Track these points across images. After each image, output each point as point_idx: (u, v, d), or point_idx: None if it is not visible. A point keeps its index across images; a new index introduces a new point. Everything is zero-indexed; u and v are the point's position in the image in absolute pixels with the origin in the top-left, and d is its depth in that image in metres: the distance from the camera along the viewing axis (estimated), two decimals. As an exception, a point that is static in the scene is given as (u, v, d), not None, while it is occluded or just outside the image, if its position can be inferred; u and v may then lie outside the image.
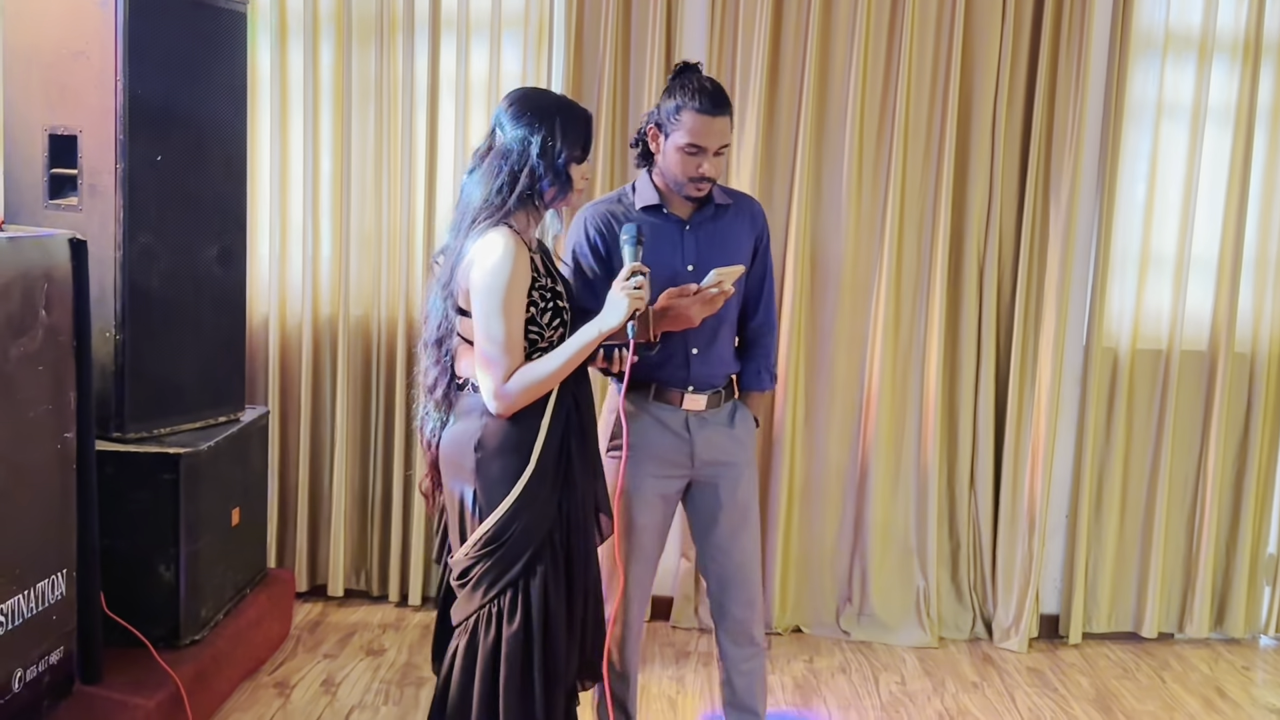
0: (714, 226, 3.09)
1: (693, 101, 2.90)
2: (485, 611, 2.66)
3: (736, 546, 3.17)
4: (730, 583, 3.18)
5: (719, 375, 3.13)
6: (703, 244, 3.06)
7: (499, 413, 2.62)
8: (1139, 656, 4.55)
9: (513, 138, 2.63)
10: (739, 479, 3.16)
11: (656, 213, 3.04)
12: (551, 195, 2.67)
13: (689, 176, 2.95)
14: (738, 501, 3.16)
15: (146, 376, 3.58)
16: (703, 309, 2.88)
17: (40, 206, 3.55)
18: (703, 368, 3.08)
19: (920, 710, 3.98)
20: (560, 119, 2.64)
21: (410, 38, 4.43)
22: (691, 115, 2.90)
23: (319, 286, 4.57)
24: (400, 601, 4.66)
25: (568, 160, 2.64)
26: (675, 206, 3.06)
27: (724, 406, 3.16)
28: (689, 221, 3.06)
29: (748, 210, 3.19)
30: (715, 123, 2.90)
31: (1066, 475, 4.66)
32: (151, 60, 3.47)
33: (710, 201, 3.08)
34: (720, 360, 3.13)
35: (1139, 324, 4.60)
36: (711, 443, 3.11)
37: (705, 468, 3.13)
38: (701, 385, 3.09)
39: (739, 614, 3.19)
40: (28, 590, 2.92)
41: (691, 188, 2.98)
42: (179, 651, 3.51)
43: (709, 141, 2.91)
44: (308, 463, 4.63)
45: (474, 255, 2.60)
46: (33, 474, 2.94)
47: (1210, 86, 4.47)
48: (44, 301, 2.94)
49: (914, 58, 4.40)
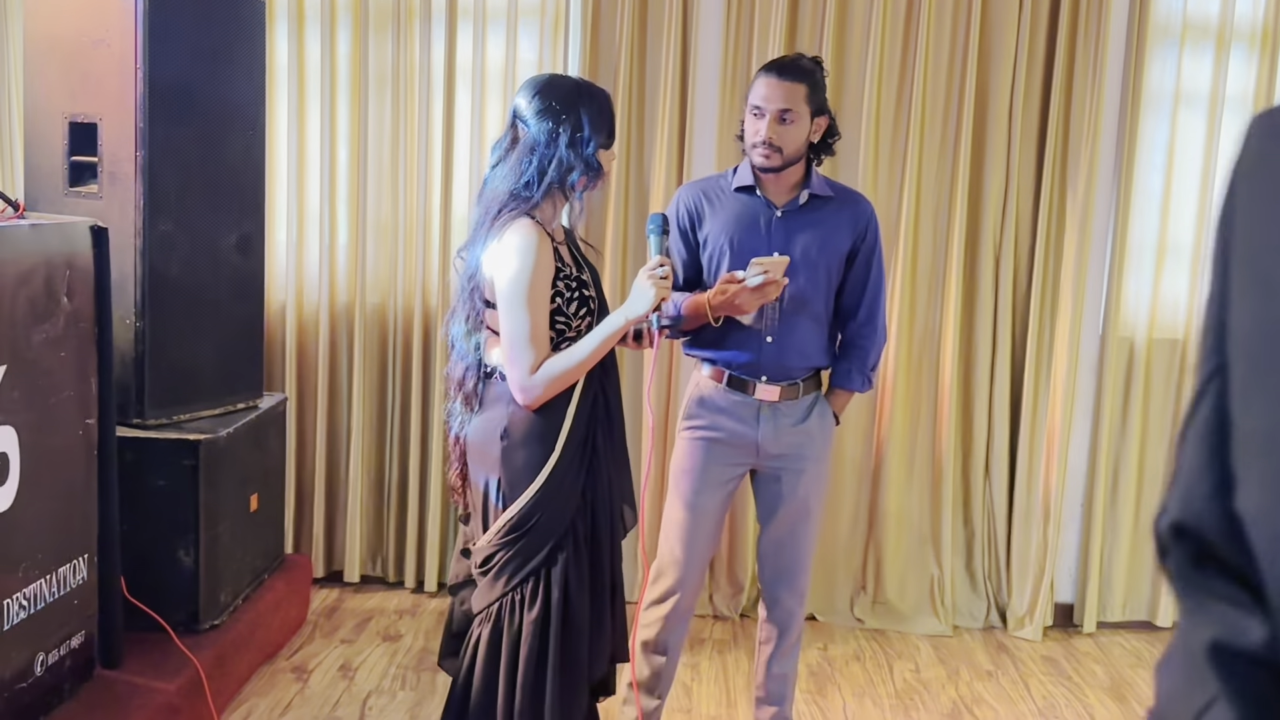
0: (806, 217, 3.05)
1: (763, 67, 2.99)
2: (509, 599, 2.66)
3: (794, 540, 3.18)
4: (784, 575, 3.20)
5: (797, 368, 3.09)
6: (793, 233, 3.03)
7: (526, 404, 2.62)
8: (1153, 645, 4.56)
9: (539, 130, 2.61)
10: (802, 474, 3.13)
11: (749, 194, 3.04)
12: (582, 185, 2.66)
13: (752, 141, 2.98)
14: (799, 496, 3.15)
15: (166, 363, 3.60)
16: (752, 298, 2.88)
17: (61, 194, 3.58)
18: (777, 358, 3.05)
19: (935, 698, 3.99)
20: (586, 107, 2.63)
21: (427, 26, 4.44)
22: (759, 78, 2.97)
23: (336, 274, 4.59)
24: (416, 587, 4.69)
25: (597, 148, 2.64)
26: (769, 191, 3.05)
27: (802, 400, 3.11)
28: (782, 209, 3.05)
29: (852, 207, 3.12)
30: (778, 85, 2.93)
31: (1082, 464, 4.66)
32: (171, 48, 3.49)
33: (806, 189, 3.05)
34: (800, 353, 3.07)
35: (1155, 313, 4.59)
36: (779, 435, 3.09)
37: (770, 459, 3.12)
38: (776, 376, 3.06)
39: (790, 606, 3.22)
40: (50, 575, 2.94)
41: (756, 154, 2.98)
42: (198, 636, 3.53)
43: (768, 103, 2.93)
44: (324, 449, 4.66)
45: (497, 248, 2.60)
46: (56, 460, 2.96)
47: (1228, 76, 4.46)
48: (66, 288, 2.96)
49: (930, 47, 4.40)
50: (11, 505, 2.76)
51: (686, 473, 3.12)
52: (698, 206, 3.06)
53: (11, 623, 2.78)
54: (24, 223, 2.90)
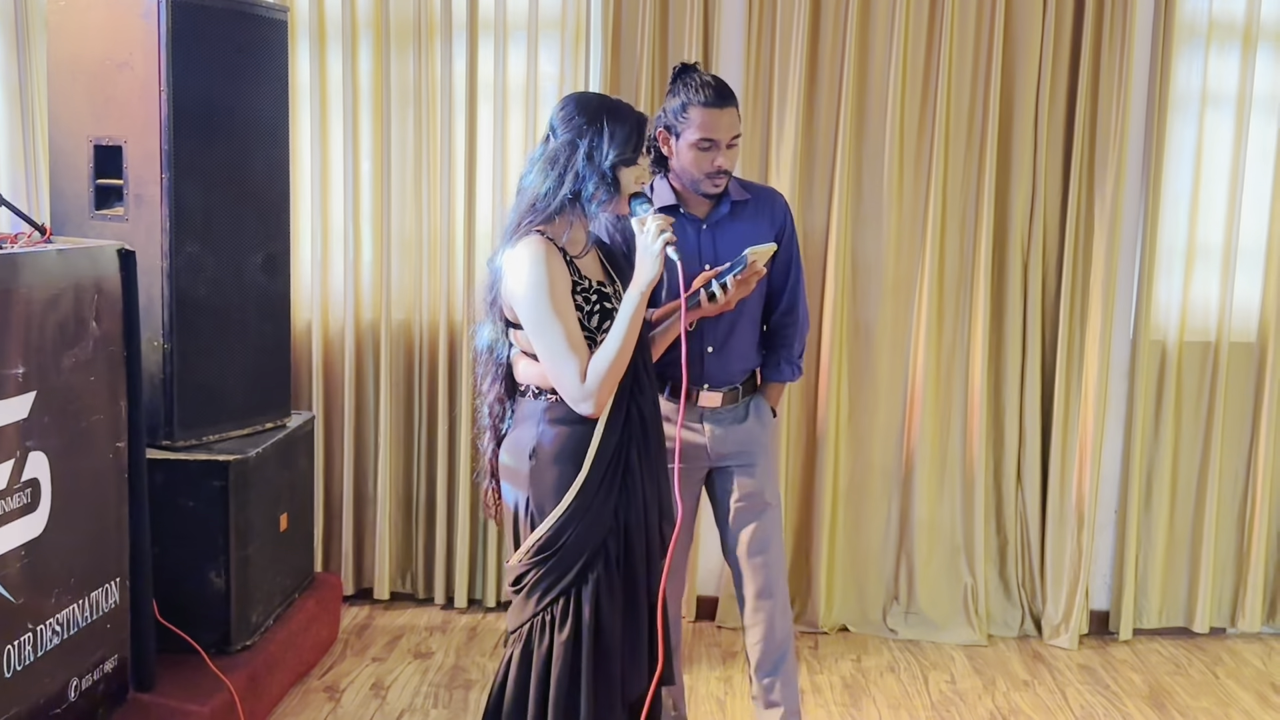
0: (732, 224, 3.10)
1: (698, 96, 2.93)
2: (540, 619, 2.64)
3: (759, 535, 3.20)
4: (744, 566, 3.22)
5: (736, 372, 3.17)
6: (721, 241, 3.07)
7: (590, 413, 2.58)
8: (1191, 652, 4.50)
9: (561, 142, 2.62)
10: (754, 468, 3.20)
11: (673, 214, 3.02)
12: (598, 200, 2.62)
13: (705, 172, 2.98)
14: (748, 491, 3.20)
15: (194, 385, 3.60)
16: (737, 291, 2.88)
17: (86, 217, 3.58)
18: (717, 365, 3.12)
19: (971, 709, 3.95)
20: (607, 121, 2.61)
21: (448, 41, 4.43)
22: (699, 110, 2.93)
23: (360, 291, 4.59)
24: (446, 604, 4.67)
25: (616, 164, 2.60)
26: (692, 206, 3.09)
27: (741, 402, 3.19)
28: (706, 220, 3.08)
29: (768, 203, 3.19)
30: (724, 115, 2.94)
31: (1115, 469, 4.61)
32: (194, 69, 3.49)
33: (726, 198, 3.09)
34: (738, 357, 3.15)
35: (1186, 316, 4.54)
36: (726, 437, 3.16)
37: (720, 459, 3.19)
38: (716, 383, 3.13)
39: (760, 604, 3.21)
40: (83, 599, 2.94)
41: (709, 184, 3.01)
42: (230, 657, 3.53)
43: (720, 134, 2.94)
44: (352, 467, 4.65)
45: (507, 268, 2.60)
46: (87, 484, 2.96)
47: (1255, 75, 4.41)
48: (94, 312, 2.97)
49: (954, 51, 4.36)
50: (44, 530, 2.76)
51: None
52: (624, 232, 2.98)
53: (45, 648, 2.78)
54: (51, 247, 2.91)
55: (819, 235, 4.44)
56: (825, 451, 4.48)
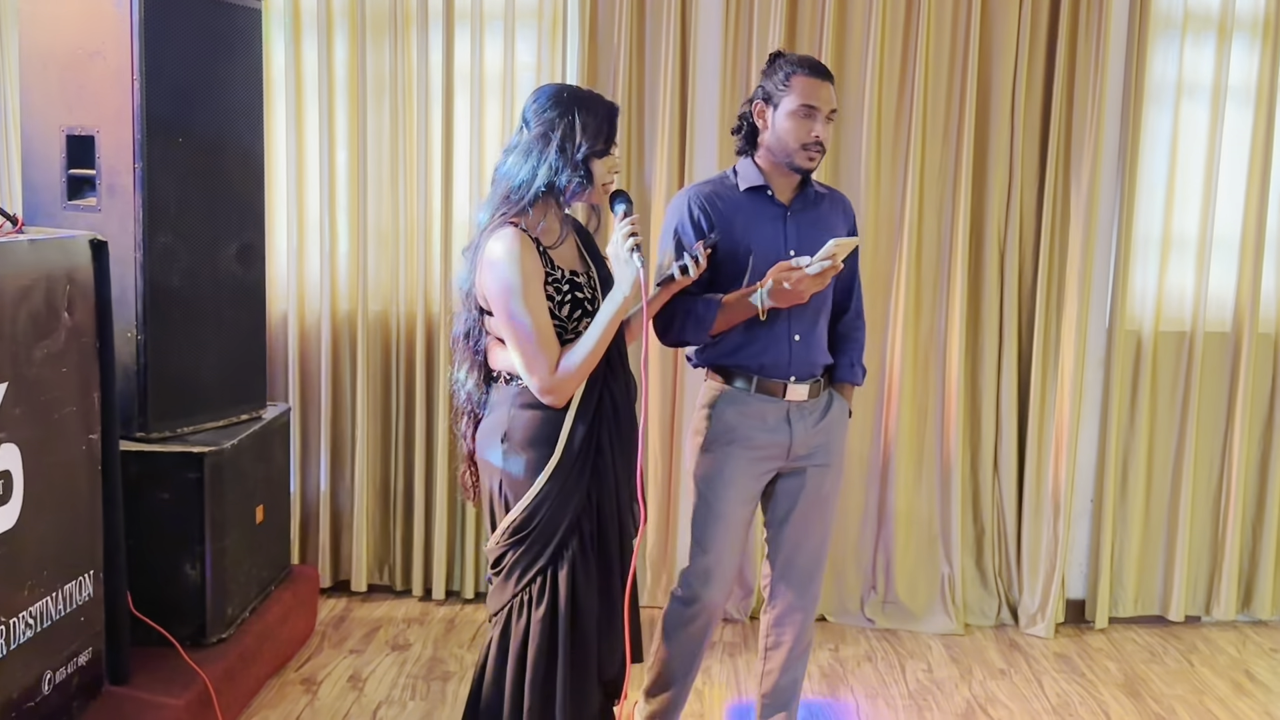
0: (815, 213, 3.09)
1: (801, 68, 2.96)
2: (517, 600, 2.69)
3: (810, 538, 3.16)
4: (801, 576, 3.17)
5: (818, 364, 3.12)
6: (804, 229, 3.05)
7: (554, 404, 2.63)
8: (1166, 640, 4.53)
9: (534, 134, 2.65)
10: (827, 469, 3.14)
11: (760, 195, 3.03)
12: (570, 190, 2.66)
13: (802, 143, 2.96)
14: (822, 494, 3.14)
15: (168, 376, 3.58)
16: (812, 284, 2.88)
17: (59, 208, 3.55)
18: (804, 355, 3.06)
19: (948, 698, 3.96)
20: (580, 113, 2.63)
21: (424, 32, 4.41)
22: (802, 79, 2.95)
23: (337, 282, 4.56)
24: (424, 596, 4.66)
25: (588, 155, 2.63)
26: (778, 190, 3.06)
27: (821, 396, 3.13)
28: (789, 207, 3.06)
29: (841, 202, 3.22)
30: (825, 86, 2.96)
31: (1091, 459, 4.63)
32: (168, 59, 3.46)
33: (810, 187, 3.08)
34: (819, 348, 3.11)
35: (1162, 306, 4.57)
36: (808, 435, 3.09)
37: (797, 459, 3.11)
38: (803, 374, 3.06)
39: (803, 605, 3.18)
40: (56, 592, 2.92)
41: (803, 155, 2.98)
42: (206, 650, 3.51)
43: (821, 104, 2.95)
44: (329, 458, 4.63)
45: (481, 257, 2.62)
46: (59, 476, 2.94)
47: (1230, 66, 4.43)
48: (66, 303, 2.94)
49: (931, 42, 4.37)
50: (16, 523, 2.74)
51: (719, 486, 3.05)
52: (710, 209, 3.01)
53: (18, 641, 2.76)
54: (23, 238, 2.88)
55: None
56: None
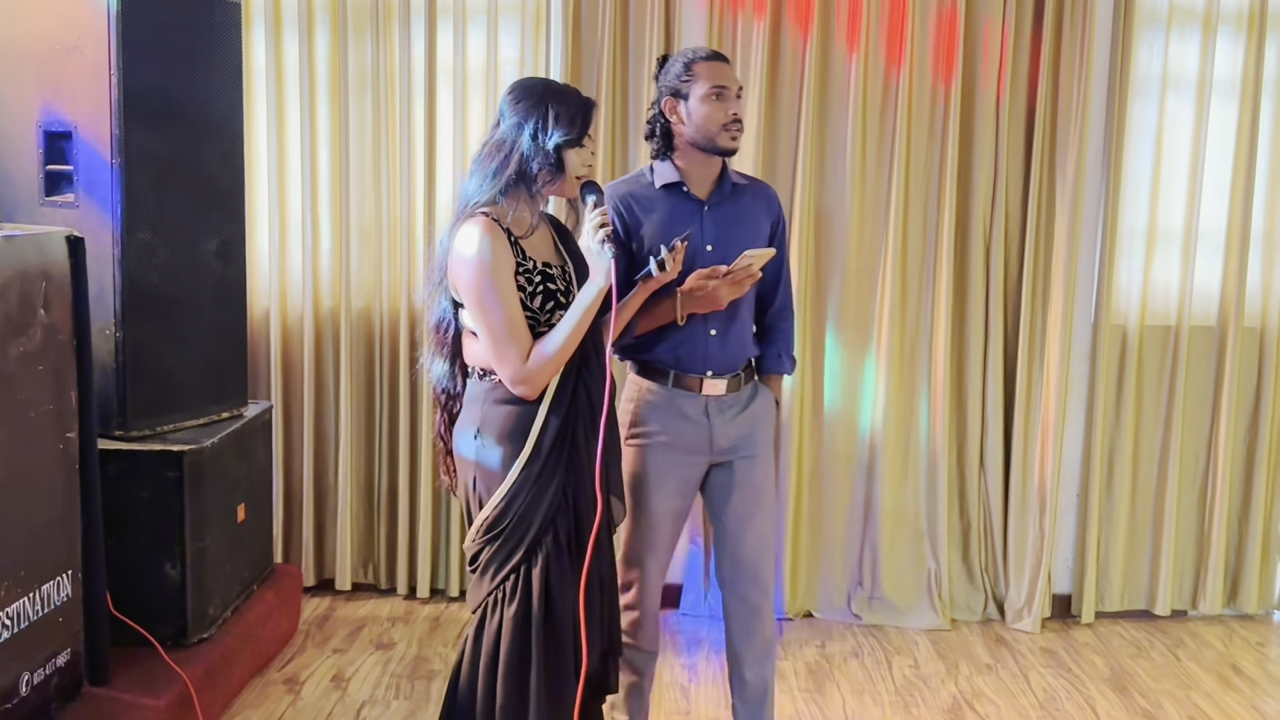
0: (732, 207, 3.07)
1: (698, 56, 2.99)
2: (492, 598, 2.68)
3: (749, 530, 3.14)
4: (746, 567, 3.14)
5: (738, 359, 3.10)
6: (721, 224, 3.04)
7: (526, 395, 2.62)
8: (1153, 634, 4.53)
9: (508, 126, 2.64)
10: (754, 459, 3.13)
11: (676, 192, 3.02)
12: (544, 181, 2.64)
13: (721, 124, 2.96)
14: (753, 483, 3.13)
15: (148, 373, 3.55)
16: (730, 291, 2.90)
17: (36, 204, 3.52)
18: (722, 351, 3.05)
19: (934, 693, 3.95)
20: (551, 104, 2.62)
21: (406, 26, 4.38)
22: (704, 64, 2.97)
23: (319, 279, 4.53)
24: (409, 594, 4.64)
25: (560, 144, 2.62)
26: (694, 186, 3.05)
27: (743, 390, 3.12)
28: (707, 201, 3.05)
29: (764, 193, 3.19)
30: (725, 66, 3.00)
31: (1077, 453, 4.63)
32: (145, 54, 3.43)
33: (727, 180, 3.07)
34: (739, 344, 3.10)
35: (1147, 300, 4.56)
36: (729, 428, 3.08)
37: (722, 453, 3.10)
38: (720, 369, 3.06)
39: (756, 601, 3.15)
40: (33, 593, 2.89)
41: (726, 136, 2.97)
42: (187, 650, 3.48)
43: (729, 81, 2.97)
44: (312, 456, 4.60)
45: (452, 247, 2.62)
46: (35, 475, 2.91)
47: (1215, 59, 4.42)
48: (43, 300, 2.91)
49: (916, 35, 4.35)
50: (-9, 523, 2.71)
51: (644, 482, 3.05)
52: (628, 209, 3.00)
53: (-6, 643, 2.73)
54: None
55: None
56: (789, 439, 4.47)
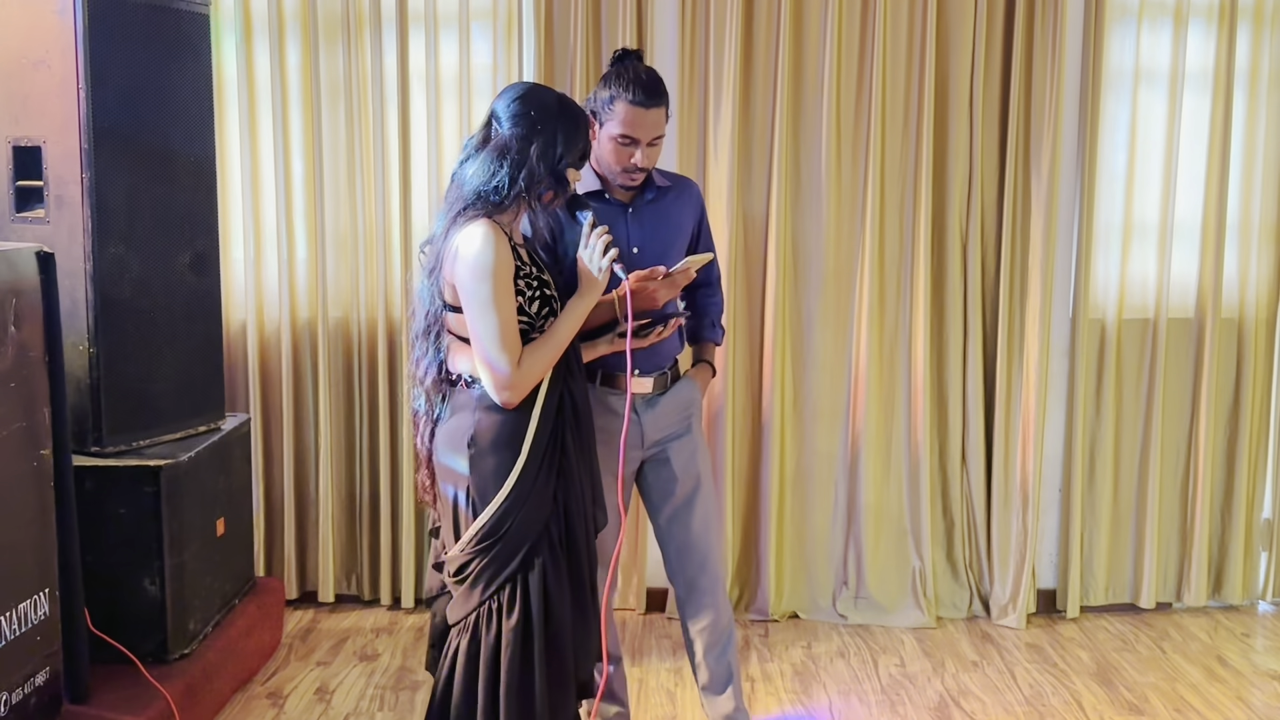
0: (656, 209, 3.11)
1: (626, 93, 2.91)
2: (485, 609, 2.65)
3: (693, 514, 3.19)
4: (692, 555, 3.19)
5: (666, 357, 3.17)
6: (646, 226, 3.08)
7: (508, 402, 2.60)
8: (1138, 628, 4.53)
9: (513, 135, 2.61)
10: (686, 447, 3.19)
11: (597, 198, 3.03)
12: (549, 198, 2.68)
13: (621, 166, 2.97)
14: (691, 470, 3.19)
15: (123, 388, 3.52)
16: (667, 292, 2.94)
17: (7, 220, 3.49)
18: (649, 350, 3.09)
19: (921, 691, 3.95)
20: (563, 124, 2.64)
21: (378, 34, 4.36)
22: (625, 106, 2.91)
23: (296, 290, 4.51)
24: (393, 605, 4.61)
25: (567, 166, 2.65)
26: (616, 191, 3.08)
27: (670, 388, 3.19)
28: (630, 205, 3.07)
29: (688, 192, 3.24)
30: (649, 114, 2.92)
31: (1058, 449, 4.63)
32: (114, 67, 3.41)
33: (650, 184, 3.09)
34: (666, 343, 3.15)
35: (1125, 294, 4.57)
36: (659, 419, 3.14)
37: (655, 445, 3.16)
38: (647, 368, 3.11)
39: (706, 587, 3.19)
40: (9, 612, 2.86)
41: (624, 178, 3.00)
42: (168, 666, 3.46)
43: (642, 133, 2.93)
44: (292, 468, 4.57)
45: (456, 251, 2.58)
46: (8, 493, 2.88)
47: (1187, 52, 4.43)
48: (13, 317, 2.88)
49: (889, 35, 4.35)
50: (-36, 543, 2.69)
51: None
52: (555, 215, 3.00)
53: (-30, 664, 2.71)
54: (-34, 252, 2.83)
55: (758, 222, 4.42)
56: (770, 439, 4.46)
